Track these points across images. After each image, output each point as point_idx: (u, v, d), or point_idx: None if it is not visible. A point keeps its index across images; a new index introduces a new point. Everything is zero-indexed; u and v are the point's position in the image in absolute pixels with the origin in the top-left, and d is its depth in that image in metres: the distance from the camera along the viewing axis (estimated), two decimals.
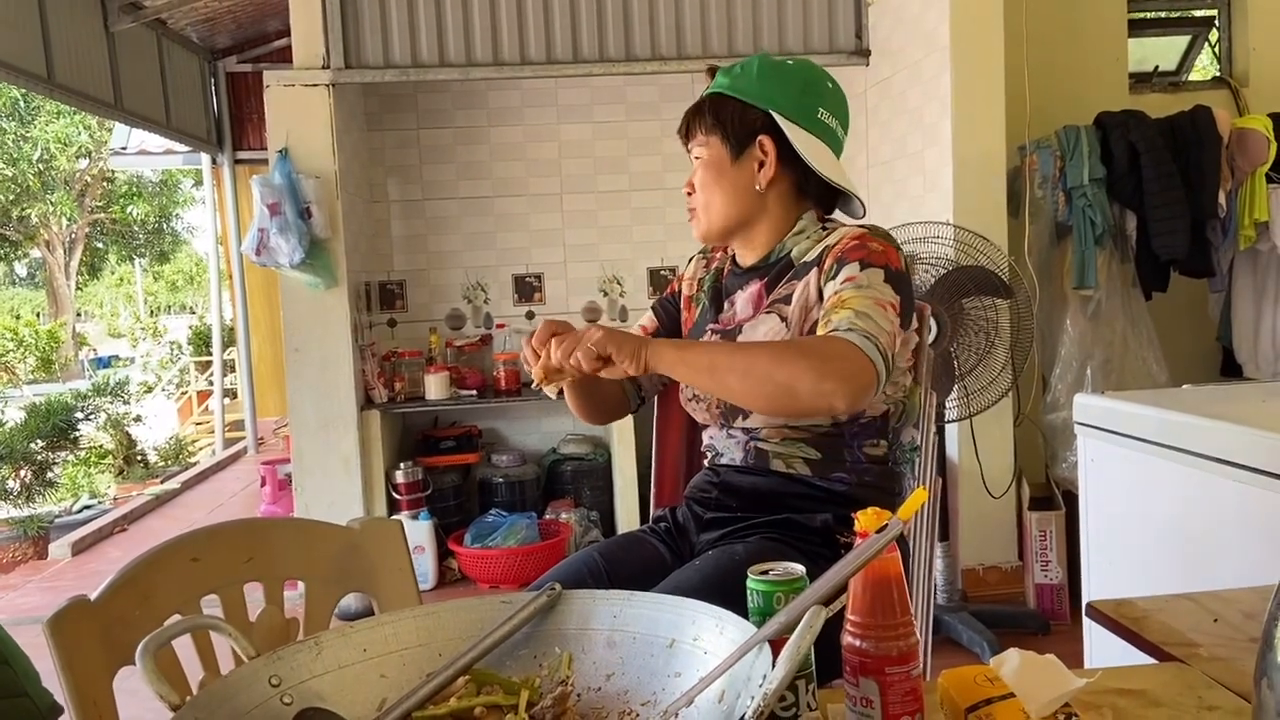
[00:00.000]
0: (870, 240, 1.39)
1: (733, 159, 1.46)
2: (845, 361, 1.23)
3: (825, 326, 1.30)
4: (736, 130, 1.45)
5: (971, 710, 0.77)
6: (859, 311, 1.28)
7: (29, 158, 14.45)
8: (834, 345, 1.24)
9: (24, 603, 4.40)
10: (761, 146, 1.45)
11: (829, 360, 1.22)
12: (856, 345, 1.24)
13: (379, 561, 1.29)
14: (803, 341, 1.31)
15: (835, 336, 1.26)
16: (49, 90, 4.03)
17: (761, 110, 1.44)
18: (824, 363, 1.22)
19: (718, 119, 1.46)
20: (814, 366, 1.22)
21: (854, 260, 1.36)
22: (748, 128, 1.45)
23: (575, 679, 0.86)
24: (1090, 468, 2.08)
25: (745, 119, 1.45)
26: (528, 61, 3.95)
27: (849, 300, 1.30)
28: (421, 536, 3.97)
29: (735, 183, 1.47)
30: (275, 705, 0.81)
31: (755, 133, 1.45)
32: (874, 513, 0.79)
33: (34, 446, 6.89)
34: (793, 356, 1.23)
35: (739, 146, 1.45)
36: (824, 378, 1.21)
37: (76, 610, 1.04)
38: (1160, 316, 3.55)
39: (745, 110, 1.45)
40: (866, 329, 1.26)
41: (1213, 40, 4.33)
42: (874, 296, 1.31)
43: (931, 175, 3.52)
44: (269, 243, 3.64)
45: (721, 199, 1.48)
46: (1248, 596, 1.16)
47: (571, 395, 1.52)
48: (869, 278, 1.33)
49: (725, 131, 1.46)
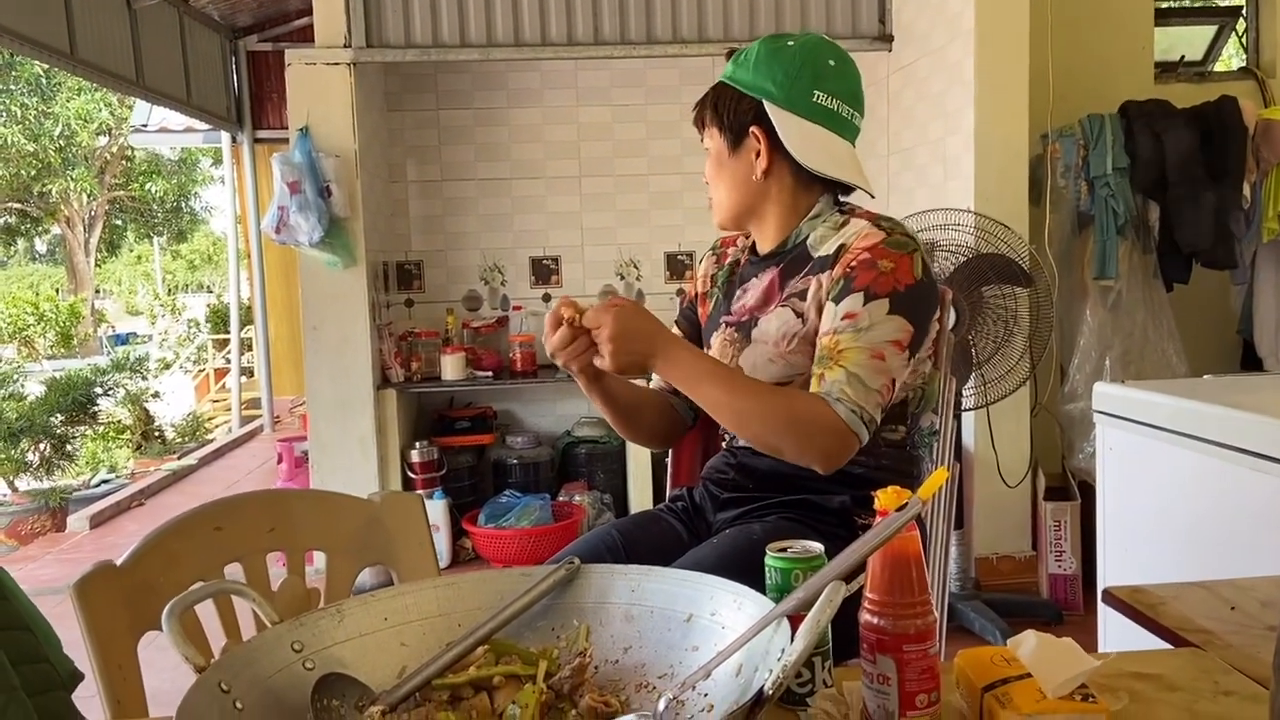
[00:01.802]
0: (883, 255, 1.35)
1: (730, 150, 1.47)
2: (828, 438, 1.29)
3: (818, 381, 1.32)
4: (731, 122, 1.45)
5: (988, 689, 0.77)
6: (851, 374, 1.30)
7: (50, 133, 14.54)
8: (821, 418, 1.29)
9: (43, 574, 4.45)
10: (755, 137, 1.44)
11: (813, 436, 1.29)
12: (843, 421, 1.28)
13: (399, 535, 1.30)
14: (794, 406, 1.31)
15: (824, 407, 1.29)
16: (71, 66, 4.05)
17: (754, 99, 1.43)
18: (808, 438, 1.29)
19: (716, 110, 1.47)
20: (798, 440, 1.30)
21: (859, 287, 1.33)
22: (740, 119, 1.44)
23: (593, 651, 0.87)
24: (1108, 456, 2.07)
25: (739, 109, 1.44)
26: (549, 42, 3.94)
27: (846, 353, 1.31)
28: (436, 516, 3.99)
29: (735, 174, 1.47)
30: (297, 670, 0.82)
31: (746, 124, 1.44)
32: (894, 491, 0.79)
33: (53, 420, 6.96)
34: (782, 426, 1.29)
35: (735, 138, 1.46)
36: (805, 451, 1.30)
37: (102, 575, 1.06)
38: (1181, 308, 3.53)
39: (740, 100, 1.44)
40: (856, 400, 1.29)
41: (1240, 30, 4.28)
42: (872, 345, 1.31)
43: (953, 162, 3.50)
44: (289, 221, 3.66)
45: (725, 190, 1.49)
46: (1265, 585, 1.16)
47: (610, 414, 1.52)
48: (871, 315, 1.32)
49: (722, 123, 1.46)
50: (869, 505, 0.83)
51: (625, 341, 1.28)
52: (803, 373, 1.39)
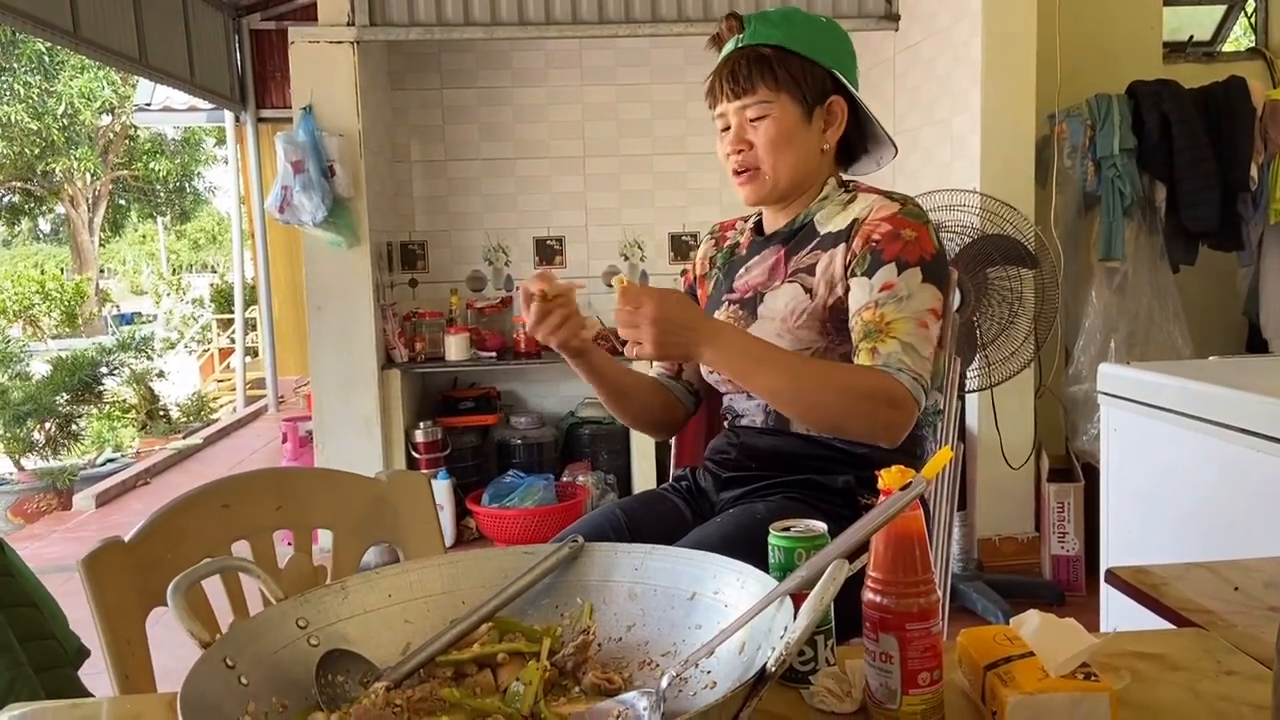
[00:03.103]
0: (904, 225, 1.35)
1: (806, 120, 1.41)
2: (895, 410, 1.27)
3: (870, 355, 1.30)
4: (812, 89, 1.40)
5: (991, 668, 0.77)
6: (905, 344, 1.29)
7: (53, 112, 14.50)
8: (888, 391, 1.27)
9: (49, 552, 4.48)
10: (830, 107, 1.42)
11: (881, 410, 1.27)
12: (908, 391, 1.27)
13: (405, 513, 1.30)
14: (859, 382, 1.28)
15: (889, 379, 1.27)
16: (74, 44, 4.03)
17: (825, 69, 1.41)
18: (876, 413, 1.27)
19: (791, 75, 1.38)
20: (867, 416, 1.28)
21: (890, 259, 1.33)
22: (820, 87, 1.41)
23: (596, 629, 0.88)
24: (1112, 437, 2.07)
25: (815, 77, 1.40)
26: (553, 21, 3.92)
27: (894, 324, 1.30)
28: (440, 496, 4.01)
29: (807, 144, 1.42)
30: (302, 646, 0.83)
31: (827, 93, 1.42)
32: (898, 471, 0.79)
33: (59, 400, 6.98)
34: (850, 403, 1.27)
35: (811, 106, 1.41)
36: (874, 426, 1.29)
37: (111, 551, 1.06)
38: (1187, 290, 3.51)
39: (813, 68, 1.40)
40: (916, 369, 1.29)
41: (1249, 10, 4.25)
42: (916, 314, 1.31)
43: (959, 142, 3.48)
44: (292, 200, 3.65)
45: (793, 160, 1.42)
46: (1269, 566, 1.16)
47: (601, 392, 1.51)
48: (908, 284, 1.32)
49: (801, 90, 1.39)
50: (872, 485, 0.83)
51: (670, 327, 1.22)
52: (809, 347, 1.39)
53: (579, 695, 0.81)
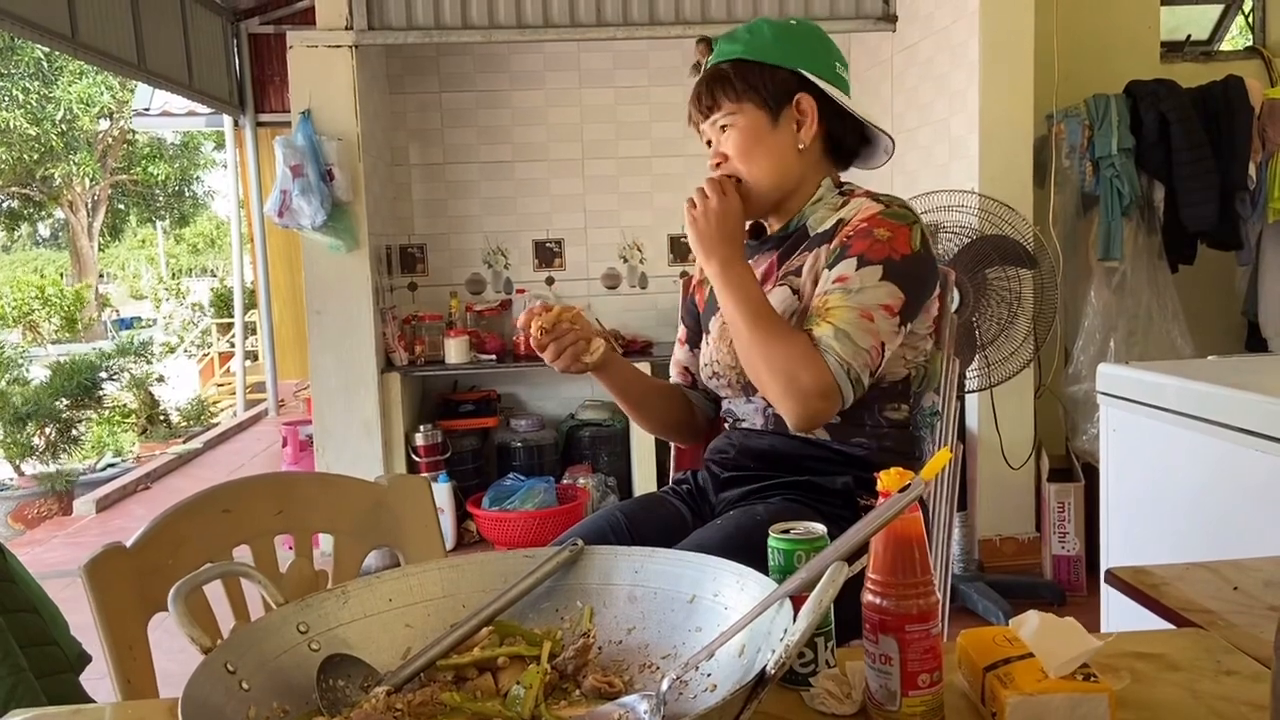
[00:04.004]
0: (879, 225, 1.35)
1: (772, 123, 1.43)
2: (810, 386, 1.28)
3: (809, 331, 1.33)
4: (773, 92, 1.42)
5: (990, 669, 0.77)
6: (839, 330, 1.29)
7: (52, 118, 14.51)
8: (810, 363, 1.28)
9: (49, 557, 4.48)
10: (799, 106, 1.43)
11: (797, 379, 1.29)
12: (829, 372, 1.28)
13: (406, 517, 1.31)
14: (792, 346, 1.30)
15: (814, 353, 1.29)
16: (73, 50, 4.03)
17: (789, 70, 1.42)
18: (793, 381, 1.29)
19: (749, 84, 1.42)
20: (783, 381, 1.30)
21: (854, 254, 1.34)
22: (782, 88, 1.42)
23: (597, 632, 0.88)
24: (1112, 438, 2.07)
25: (777, 79, 1.42)
26: (551, 24, 3.92)
27: (834, 310, 1.31)
28: (441, 499, 4.01)
29: (778, 145, 1.43)
30: (303, 651, 0.83)
31: (791, 92, 1.43)
32: (896, 472, 0.79)
33: (59, 404, 6.98)
34: (778, 362, 1.31)
35: (776, 109, 1.43)
36: (786, 395, 1.31)
37: (112, 556, 1.06)
38: (1186, 289, 3.52)
39: (774, 72, 1.42)
40: (842, 355, 1.29)
41: (1246, 9, 4.25)
42: (862, 305, 1.30)
43: (957, 143, 3.48)
44: (291, 204, 3.66)
45: (767, 164, 1.43)
46: (1268, 565, 1.16)
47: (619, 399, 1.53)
48: (862, 279, 1.32)
49: (761, 96, 1.42)
50: (872, 486, 0.83)
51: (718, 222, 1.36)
52: None
53: (579, 699, 0.81)
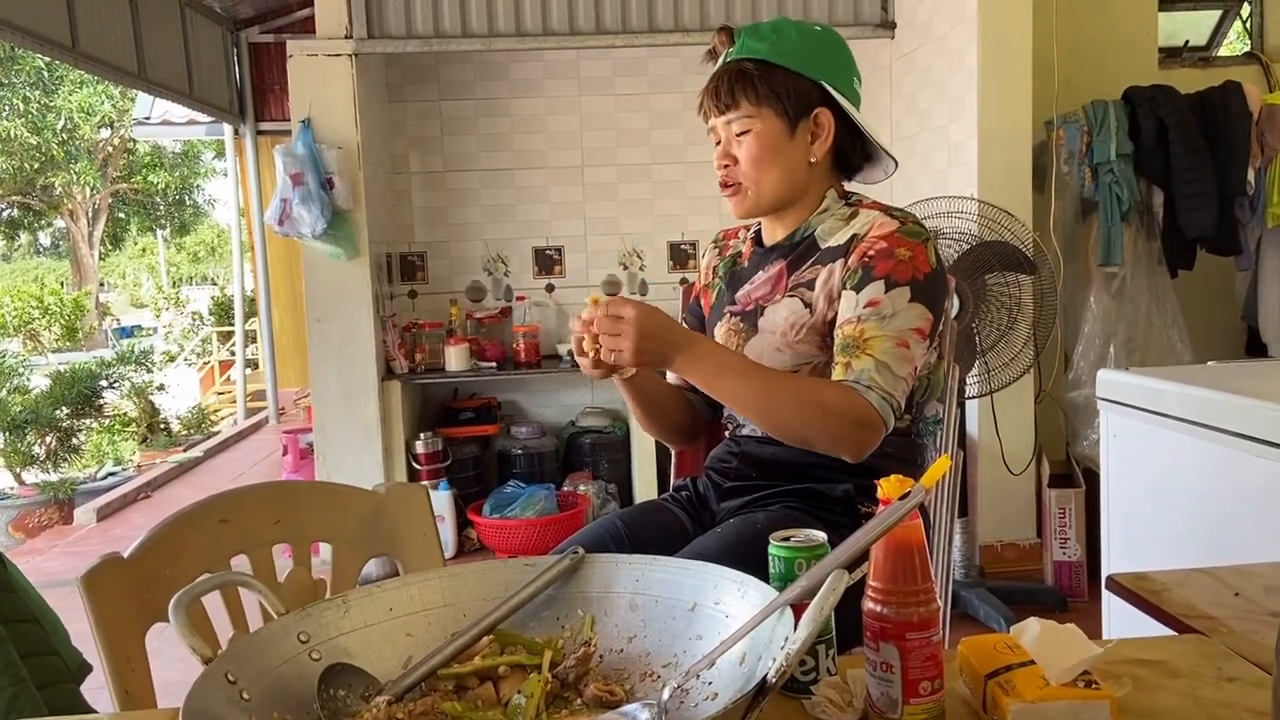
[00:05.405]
0: (899, 244, 1.35)
1: (789, 133, 1.41)
2: (860, 428, 1.28)
3: (844, 370, 1.31)
4: (794, 101, 1.40)
5: (991, 676, 0.77)
6: (879, 362, 1.29)
7: (53, 127, 14.54)
8: (853, 407, 1.27)
9: (50, 566, 4.47)
10: (817, 119, 1.41)
11: (845, 426, 1.28)
12: (874, 409, 1.28)
13: (404, 525, 1.30)
14: (823, 396, 1.29)
15: (856, 396, 1.28)
16: (73, 59, 4.04)
17: (812, 81, 1.40)
18: (840, 428, 1.28)
19: (771, 89, 1.39)
20: (830, 431, 1.29)
21: (880, 275, 1.33)
22: (804, 99, 1.40)
23: (598, 641, 0.88)
24: (1112, 443, 2.07)
25: (799, 89, 1.40)
26: (550, 32, 3.93)
27: (872, 341, 1.30)
28: (441, 506, 4.01)
29: (791, 157, 1.42)
30: (304, 660, 0.83)
31: (812, 105, 1.41)
32: (896, 480, 0.79)
33: (59, 413, 6.98)
34: (813, 416, 1.28)
35: (795, 119, 1.41)
36: (838, 441, 1.30)
37: (109, 567, 1.06)
38: (1185, 295, 3.52)
39: (797, 81, 1.40)
40: (886, 388, 1.29)
41: (1244, 15, 4.26)
42: (897, 333, 1.31)
43: (956, 149, 3.49)
44: (291, 213, 3.66)
45: (777, 174, 1.42)
46: (1269, 571, 1.16)
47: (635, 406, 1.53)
48: (893, 302, 1.32)
49: (782, 103, 1.39)
50: (872, 494, 0.83)
51: (649, 332, 1.26)
52: (809, 362, 1.39)
53: (581, 707, 0.81)
